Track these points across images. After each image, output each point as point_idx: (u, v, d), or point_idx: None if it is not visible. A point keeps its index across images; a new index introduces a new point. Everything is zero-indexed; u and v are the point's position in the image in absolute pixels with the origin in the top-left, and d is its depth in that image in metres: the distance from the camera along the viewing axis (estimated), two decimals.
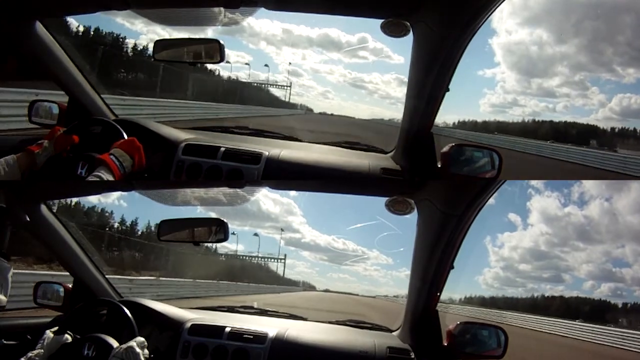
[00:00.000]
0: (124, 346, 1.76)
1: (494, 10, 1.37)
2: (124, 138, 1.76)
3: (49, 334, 1.86)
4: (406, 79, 1.77)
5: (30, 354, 1.79)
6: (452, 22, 1.42)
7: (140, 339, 1.81)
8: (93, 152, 1.75)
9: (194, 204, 2.26)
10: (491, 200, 1.55)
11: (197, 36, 1.91)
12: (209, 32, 2.21)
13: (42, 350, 1.81)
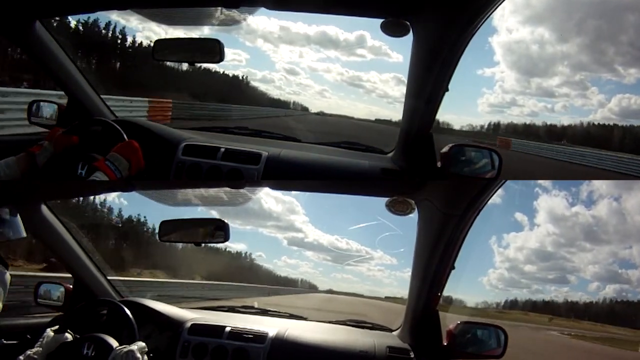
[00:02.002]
0: (124, 349, 1.75)
1: (495, 9, 1.37)
2: (124, 139, 1.76)
3: (49, 332, 1.86)
4: (404, 78, 1.77)
5: (29, 352, 1.79)
6: (452, 22, 1.41)
7: (142, 344, 1.79)
8: (93, 153, 1.75)
9: (195, 205, 2.26)
10: (497, 200, 1.54)
11: (196, 36, 1.91)
12: (206, 31, 2.21)
13: (41, 349, 1.81)
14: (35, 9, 1.78)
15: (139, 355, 1.74)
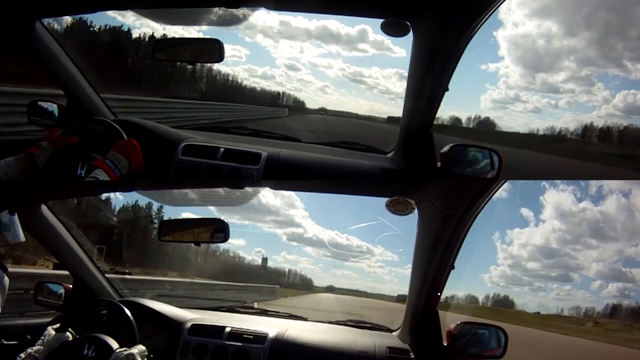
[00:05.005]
0: (124, 352, 1.74)
1: (495, 9, 1.36)
2: (124, 138, 1.76)
3: (50, 330, 1.86)
4: (406, 74, 1.77)
5: (29, 350, 1.79)
6: (453, 22, 1.41)
7: (142, 347, 1.79)
8: (93, 153, 1.75)
9: (194, 205, 2.26)
10: (503, 194, 1.54)
11: (196, 36, 1.91)
12: (205, 28, 2.21)
13: (42, 347, 1.81)
14: (35, 9, 1.77)
15: (139, 358, 1.74)
